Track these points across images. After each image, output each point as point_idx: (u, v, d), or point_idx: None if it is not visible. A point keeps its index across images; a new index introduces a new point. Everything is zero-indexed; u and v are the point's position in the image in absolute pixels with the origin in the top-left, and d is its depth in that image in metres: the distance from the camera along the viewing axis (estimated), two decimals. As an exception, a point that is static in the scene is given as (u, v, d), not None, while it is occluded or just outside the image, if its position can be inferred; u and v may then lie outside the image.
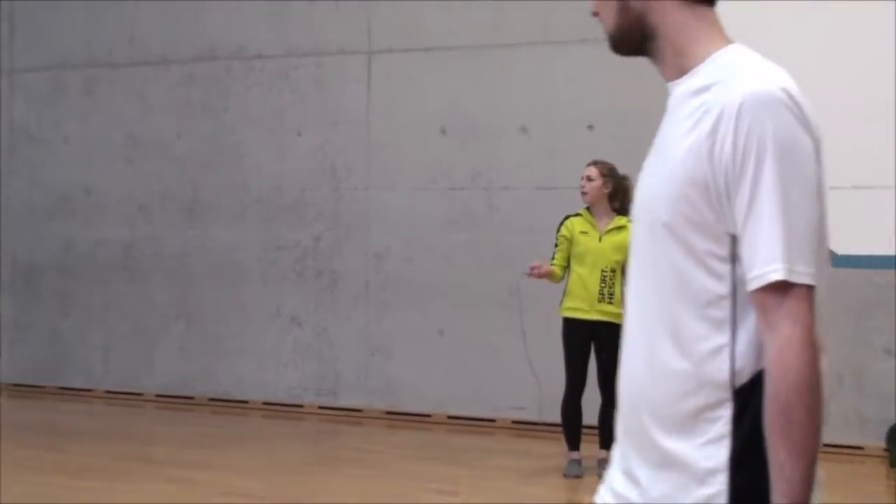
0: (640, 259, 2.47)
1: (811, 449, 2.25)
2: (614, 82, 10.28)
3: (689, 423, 2.32)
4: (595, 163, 9.04)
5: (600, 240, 8.99)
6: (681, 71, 2.46)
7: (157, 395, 11.85)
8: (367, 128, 11.22)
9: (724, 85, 2.31)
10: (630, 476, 2.42)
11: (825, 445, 8.16)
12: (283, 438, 10.48)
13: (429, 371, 10.89)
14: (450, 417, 10.87)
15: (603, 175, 8.95)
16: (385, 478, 8.94)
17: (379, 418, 11.11)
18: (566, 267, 9.02)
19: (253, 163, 11.56)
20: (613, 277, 8.97)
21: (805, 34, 9.75)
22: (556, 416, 9.17)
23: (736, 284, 2.28)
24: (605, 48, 2.58)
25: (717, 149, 2.25)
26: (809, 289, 2.24)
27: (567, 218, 9.09)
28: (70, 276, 12.54)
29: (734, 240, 2.27)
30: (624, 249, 8.55)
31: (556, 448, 9.28)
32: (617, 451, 2.49)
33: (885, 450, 9.43)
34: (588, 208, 9.06)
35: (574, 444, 9.00)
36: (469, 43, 10.83)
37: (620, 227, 8.92)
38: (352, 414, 11.10)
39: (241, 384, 11.59)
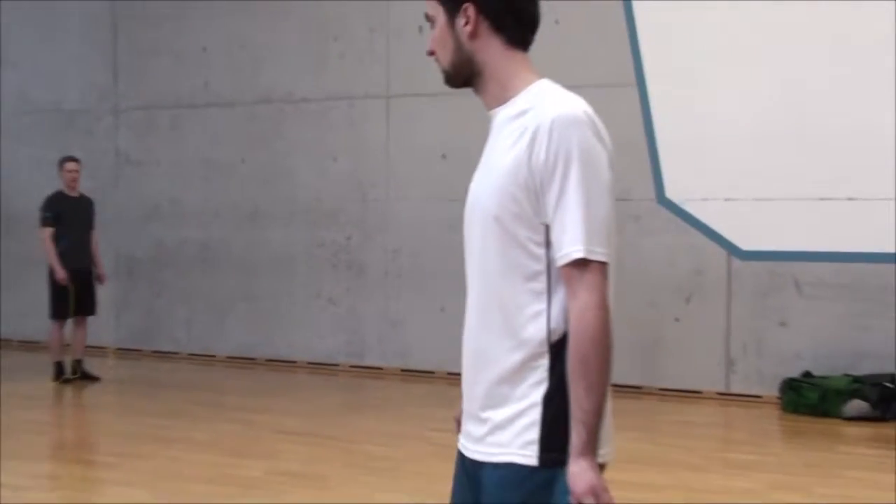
0: (475, 245, 2.49)
1: (603, 387, 2.31)
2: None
3: (517, 372, 2.35)
4: None
5: None
6: (501, 100, 2.48)
7: (227, 357, 11.95)
8: (387, 154, 11.37)
9: (537, 109, 2.35)
10: (475, 417, 2.45)
11: (737, 395, 8.39)
12: (322, 389, 10.61)
13: (433, 338, 11.01)
14: (449, 373, 10.95)
15: None
16: (399, 419, 9.07)
17: (395, 374, 11.19)
18: None
19: (300, 181, 11.72)
20: None
21: (809, 49, 9.66)
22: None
23: (550, 263, 2.32)
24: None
25: (534, 157, 2.29)
26: (603, 264, 2.30)
27: None
28: (160, 267, 12.71)
29: (548, 229, 2.31)
30: None
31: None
32: (465, 399, 2.52)
33: (778, 398, 9.52)
34: None
35: None
36: (463, 90, 10.88)
37: None
38: (374, 371, 11.21)
39: (291, 348, 11.72)
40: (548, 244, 2.34)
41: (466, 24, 2.46)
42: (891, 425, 8.82)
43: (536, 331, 2.35)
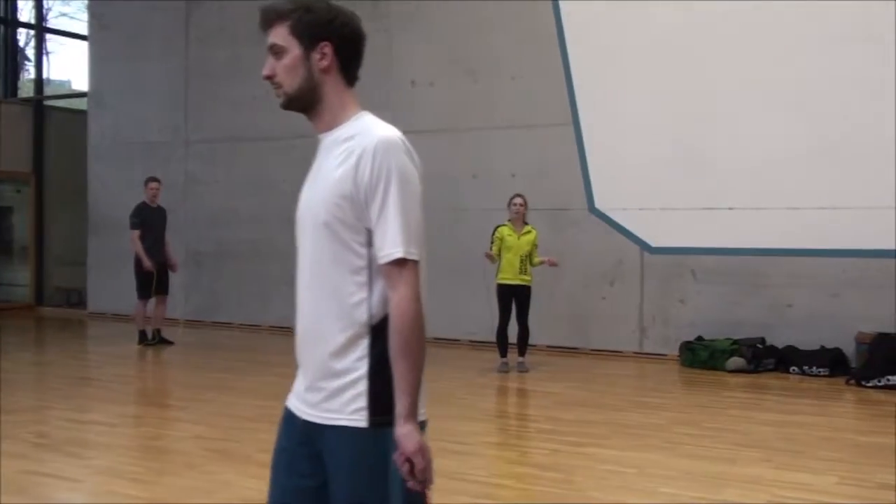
0: (307, 244, 2.31)
1: (421, 362, 2.17)
2: (515, 149, 10.36)
3: (344, 348, 2.20)
4: (521, 195, 8.96)
5: (519, 238, 8.81)
6: (331, 126, 2.31)
7: (270, 327, 11.89)
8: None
9: (363, 135, 2.21)
10: (311, 387, 2.28)
11: (649, 354, 8.26)
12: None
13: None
14: (433, 338, 10.92)
15: (526, 202, 8.90)
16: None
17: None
18: (499, 254, 8.84)
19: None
20: (526, 260, 8.81)
21: (700, 96, 9.63)
22: (490, 338, 9.24)
23: (370, 260, 2.20)
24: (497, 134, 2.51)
25: (360, 175, 2.17)
26: (416, 263, 2.17)
27: (497, 227, 8.93)
28: (220, 259, 12.64)
29: (369, 232, 2.18)
30: (531, 245, 8.84)
31: (492, 356, 9.34)
32: (300, 371, 2.34)
33: (678, 356, 9.53)
34: (511, 220, 8.90)
35: (502, 353, 9.01)
36: (444, 127, 10.88)
37: (529, 232, 8.87)
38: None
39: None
40: (369, 245, 2.20)
41: (322, 59, 2.27)
42: (761, 376, 8.84)
43: (360, 315, 2.21)
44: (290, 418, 2.39)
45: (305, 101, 2.32)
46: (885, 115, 8.70)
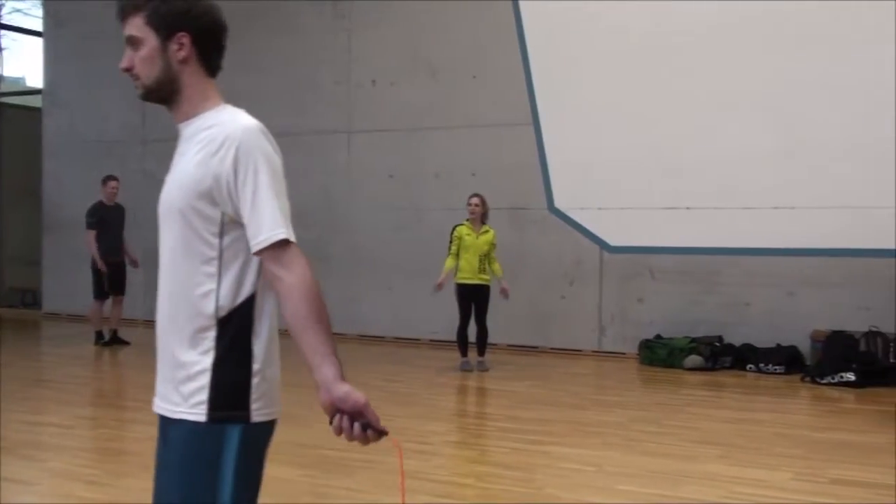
0: (165, 233, 2.25)
1: (329, 330, 2.14)
2: (476, 148, 10.40)
3: (191, 340, 2.15)
4: (478, 195, 8.91)
5: (477, 238, 8.77)
6: (190, 116, 2.24)
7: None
8: (348, 174, 11.30)
9: (223, 125, 2.15)
10: (163, 378, 2.25)
11: (608, 352, 8.28)
12: (296, 351, 10.48)
13: (383, 311, 10.96)
14: (395, 338, 10.95)
15: (483, 202, 8.85)
16: (357, 373, 8.93)
17: (354, 339, 11.12)
18: (457, 254, 8.77)
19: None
20: (485, 259, 8.79)
21: (658, 98, 9.68)
22: (451, 338, 9.25)
23: (221, 251, 2.15)
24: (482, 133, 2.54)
25: (220, 163, 2.10)
26: (295, 243, 2.15)
27: (456, 227, 8.92)
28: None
29: (223, 223, 2.12)
30: (489, 244, 8.82)
31: (453, 355, 9.35)
32: (158, 362, 2.29)
33: (637, 354, 9.60)
34: (469, 220, 8.86)
35: (463, 352, 9.01)
36: (405, 127, 10.88)
37: (487, 231, 8.86)
38: (338, 336, 11.04)
39: (277, 320, 11.53)
40: (222, 235, 2.15)
41: (180, 49, 2.19)
42: (718, 374, 8.93)
43: (207, 307, 2.15)
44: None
45: (164, 93, 2.26)
46: (841, 116, 8.84)
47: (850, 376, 8.19)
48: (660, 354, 9.29)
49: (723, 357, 9.11)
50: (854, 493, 4.91)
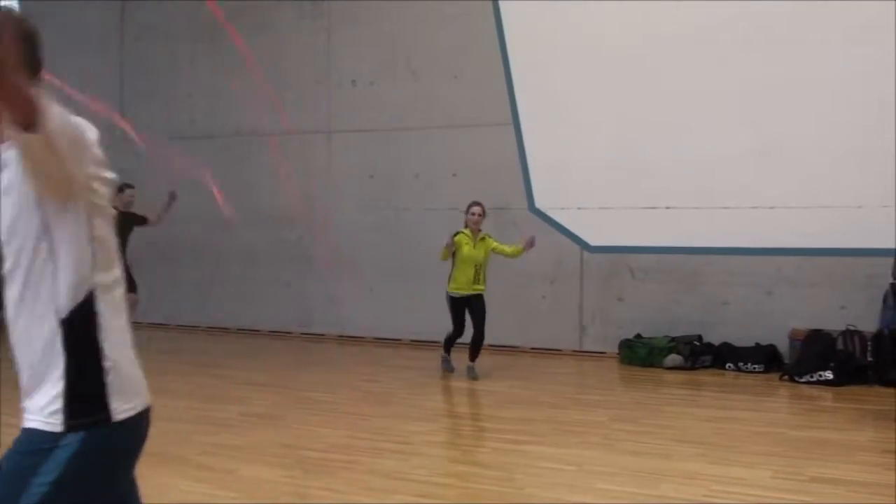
0: (11, 246, 2.12)
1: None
2: (457, 149, 10.40)
3: (42, 349, 2.09)
4: (479, 203, 8.56)
5: (475, 247, 8.45)
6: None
7: (207, 327, 11.76)
8: (329, 175, 11.27)
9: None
10: (23, 389, 2.16)
11: (588, 352, 8.24)
12: (279, 351, 10.45)
13: (363, 312, 10.95)
14: (375, 338, 10.94)
15: (484, 211, 8.54)
16: (337, 372, 8.98)
17: (334, 339, 11.10)
18: (452, 257, 8.41)
19: (263, 194, 11.56)
20: (481, 270, 8.49)
21: (642, 98, 9.70)
22: (431, 338, 9.22)
23: (53, 247, 2.07)
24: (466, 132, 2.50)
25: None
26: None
27: (458, 233, 8.46)
28: (156, 259, 12.46)
29: (44, 217, 2.06)
30: (487, 252, 8.52)
31: (433, 355, 9.33)
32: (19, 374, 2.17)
33: (618, 354, 9.61)
34: (468, 229, 8.49)
35: (447, 350, 8.82)
36: (385, 127, 10.86)
37: (484, 239, 8.53)
38: (319, 337, 11.11)
39: (256, 320, 11.50)
40: (47, 231, 2.07)
41: None
42: (698, 373, 8.97)
43: (49, 308, 2.08)
44: None
45: None
46: (820, 116, 8.90)
47: (828, 375, 8.25)
48: (640, 354, 9.32)
49: (702, 356, 9.15)
50: (832, 490, 4.95)
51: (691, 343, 9.25)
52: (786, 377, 8.51)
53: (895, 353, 8.18)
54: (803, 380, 8.35)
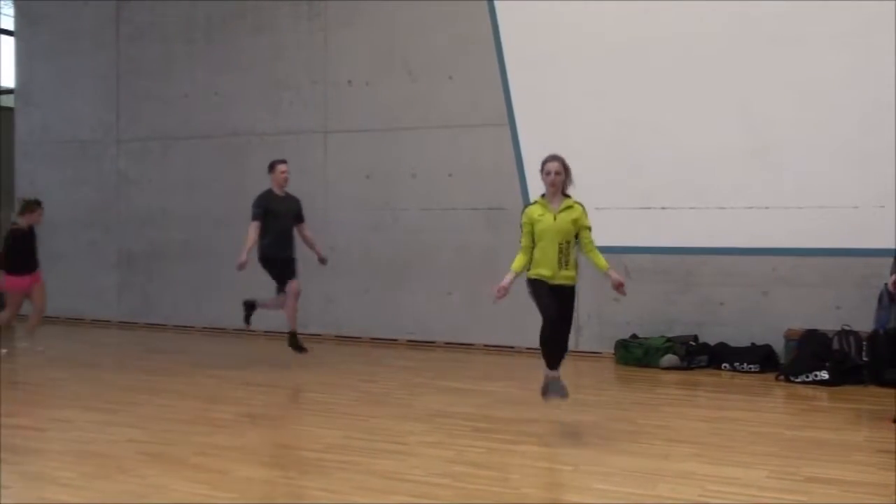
0: None
1: None
2: (453, 149, 10.39)
3: None
4: (556, 157, 6.53)
5: (556, 218, 6.39)
6: None
7: (203, 328, 11.76)
8: (325, 175, 11.27)
9: None
10: None
11: (585, 352, 8.27)
12: (276, 352, 10.41)
13: (360, 312, 10.94)
14: (371, 339, 10.93)
15: (565, 168, 6.50)
16: (334, 373, 8.97)
17: (331, 339, 11.10)
18: (532, 246, 6.43)
19: (259, 192, 11.51)
20: (567, 248, 6.39)
21: (638, 97, 9.68)
22: (427, 338, 9.20)
23: None
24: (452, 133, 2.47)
25: None
26: None
27: (526, 207, 6.72)
28: (152, 259, 12.42)
29: None
30: (576, 223, 6.43)
31: (430, 356, 9.30)
32: None
33: (614, 354, 9.62)
34: (545, 195, 6.49)
35: (552, 362, 6.50)
36: (381, 127, 10.86)
37: (572, 207, 6.47)
38: (316, 337, 11.08)
39: (252, 321, 11.46)
40: None
41: None
42: (694, 373, 8.98)
43: None
44: None
45: None
46: (815, 116, 8.92)
47: (824, 375, 8.26)
48: (636, 354, 9.33)
49: (698, 356, 9.16)
50: (828, 490, 4.95)
51: (687, 343, 9.26)
52: (781, 377, 8.52)
53: (890, 353, 8.19)
54: (799, 380, 8.36)
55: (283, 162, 9.28)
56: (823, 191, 8.89)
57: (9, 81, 14.49)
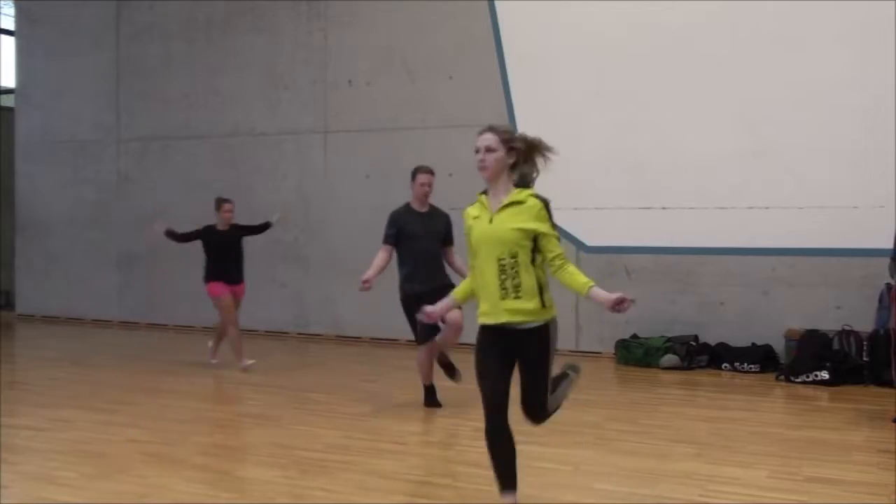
0: None
1: None
2: (453, 148, 10.38)
3: None
4: (489, 128, 4.30)
5: (491, 221, 4.19)
6: None
7: (204, 328, 11.73)
8: (325, 175, 11.26)
9: None
10: None
11: (585, 352, 8.28)
12: (276, 351, 10.43)
13: (360, 312, 10.92)
14: (372, 339, 10.92)
15: (509, 140, 4.28)
16: (334, 372, 8.98)
17: (331, 339, 11.10)
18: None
19: (259, 194, 11.53)
20: (515, 266, 4.20)
21: (637, 100, 9.71)
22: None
23: None
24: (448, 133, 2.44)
25: None
26: None
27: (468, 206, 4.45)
28: (153, 260, 12.41)
29: None
30: (525, 229, 4.26)
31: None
32: None
33: (614, 354, 9.63)
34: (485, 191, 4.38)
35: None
36: (381, 127, 10.86)
37: (517, 202, 4.26)
38: (315, 337, 11.09)
39: (253, 320, 11.27)
40: None
41: None
42: (694, 373, 8.98)
43: None
44: None
45: None
46: (815, 116, 8.92)
47: (824, 375, 8.26)
48: (636, 354, 9.33)
49: (698, 356, 9.16)
50: (828, 490, 4.95)
51: (687, 343, 9.26)
52: (782, 377, 8.52)
53: (890, 353, 8.19)
54: (799, 380, 8.36)
55: (429, 172, 7.14)
56: (823, 191, 8.89)
57: (9, 81, 14.50)
